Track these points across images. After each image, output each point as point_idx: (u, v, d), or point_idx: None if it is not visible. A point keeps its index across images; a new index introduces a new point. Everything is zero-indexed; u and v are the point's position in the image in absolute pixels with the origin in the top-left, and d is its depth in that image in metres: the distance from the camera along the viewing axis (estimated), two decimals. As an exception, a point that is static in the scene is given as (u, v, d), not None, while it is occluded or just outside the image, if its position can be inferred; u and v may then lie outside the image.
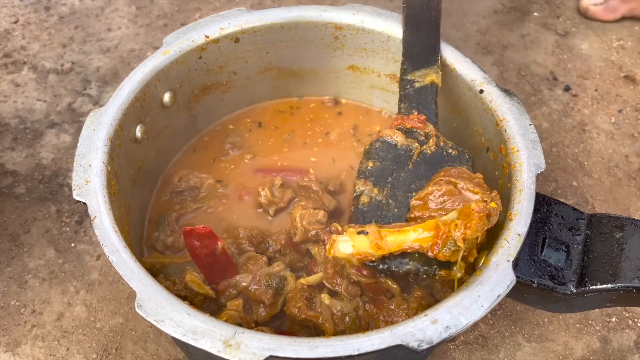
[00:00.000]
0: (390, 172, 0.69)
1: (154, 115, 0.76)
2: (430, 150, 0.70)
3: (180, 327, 0.53)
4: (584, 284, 0.61)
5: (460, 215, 0.59)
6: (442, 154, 0.70)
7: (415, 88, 0.74)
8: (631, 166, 1.04)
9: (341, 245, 0.61)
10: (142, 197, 0.78)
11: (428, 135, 0.71)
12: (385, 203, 0.67)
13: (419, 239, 0.59)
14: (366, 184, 0.68)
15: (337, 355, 0.53)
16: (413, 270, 0.61)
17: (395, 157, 0.69)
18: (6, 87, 1.11)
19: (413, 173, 0.68)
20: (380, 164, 0.69)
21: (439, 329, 0.54)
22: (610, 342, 0.85)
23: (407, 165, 0.69)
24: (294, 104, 0.92)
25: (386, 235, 0.60)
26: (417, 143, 0.70)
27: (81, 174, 0.63)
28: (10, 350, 0.82)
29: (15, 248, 0.91)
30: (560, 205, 0.66)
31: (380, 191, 0.67)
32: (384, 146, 0.70)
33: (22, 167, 1.00)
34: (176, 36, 0.77)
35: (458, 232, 0.58)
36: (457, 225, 0.59)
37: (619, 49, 1.24)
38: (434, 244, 0.59)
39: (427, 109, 0.73)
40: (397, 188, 0.67)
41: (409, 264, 0.61)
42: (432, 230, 0.59)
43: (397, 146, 0.70)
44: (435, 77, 0.75)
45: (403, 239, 0.60)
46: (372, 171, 0.68)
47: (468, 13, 1.29)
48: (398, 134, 0.70)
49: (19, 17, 1.23)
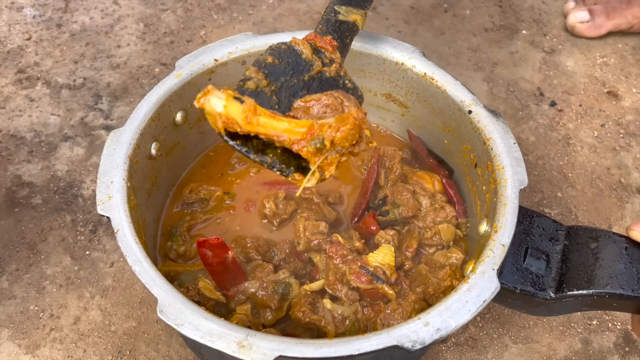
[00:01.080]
0: (284, 74, 0.67)
1: (167, 133, 0.82)
2: (329, 73, 0.69)
3: (199, 330, 0.59)
4: (562, 290, 0.67)
5: (337, 120, 0.60)
6: (339, 82, 0.69)
7: (338, 19, 0.75)
8: (612, 178, 1.11)
9: (213, 100, 0.57)
10: (156, 210, 0.84)
11: (333, 60, 0.70)
12: (268, 97, 0.64)
13: (290, 130, 0.58)
14: (258, 73, 0.65)
15: (339, 355, 0.58)
16: (269, 163, 0.61)
17: (295, 65, 0.68)
18: (21, 102, 1.17)
19: (305, 84, 0.67)
20: (279, 63, 0.67)
21: (430, 330, 0.60)
22: (591, 343, 0.91)
23: (302, 76, 0.67)
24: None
25: (260, 114, 0.58)
26: (320, 62, 0.69)
27: (104, 190, 0.68)
28: (30, 352, 0.87)
29: (33, 256, 0.97)
30: (542, 217, 0.72)
31: (268, 85, 0.65)
32: (289, 51, 0.69)
33: (38, 178, 1.06)
34: (188, 60, 0.83)
35: (330, 132, 0.58)
36: (331, 127, 0.59)
37: (602, 65, 1.31)
38: (303, 138, 0.58)
39: (341, 40, 0.73)
40: (285, 90, 0.66)
41: (269, 156, 0.61)
42: (305, 127, 0.58)
43: (301, 56, 0.69)
44: (359, 19, 0.76)
45: (275, 125, 0.58)
46: (268, 65, 0.67)
47: (460, 31, 1.36)
48: (307, 46, 0.70)
49: (32, 34, 1.29)
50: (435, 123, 0.87)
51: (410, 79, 0.86)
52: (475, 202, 0.82)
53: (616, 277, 0.65)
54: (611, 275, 0.66)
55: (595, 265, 0.67)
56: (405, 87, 0.88)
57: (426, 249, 0.82)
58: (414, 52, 0.85)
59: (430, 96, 0.85)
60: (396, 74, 0.87)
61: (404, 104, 0.90)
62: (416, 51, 0.86)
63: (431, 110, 0.87)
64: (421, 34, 1.34)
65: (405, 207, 0.82)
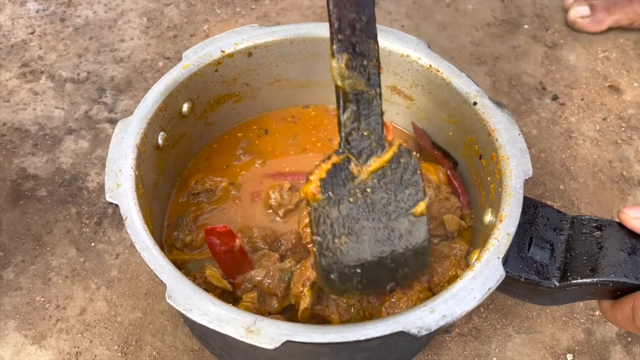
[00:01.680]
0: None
1: (174, 123, 0.82)
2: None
3: (207, 315, 0.59)
4: (566, 279, 0.67)
5: None
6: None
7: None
8: (614, 171, 1.12)
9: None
10: (162, 200, 0.84)
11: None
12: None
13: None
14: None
15: (346, 340, 0.58)
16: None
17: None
18: (25, 96, 1.17)
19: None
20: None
21: (436, 317, 0.61)
22: (593, 333, 0.92)
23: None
24: (297, 112, 0.99)
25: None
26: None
27: (112, 178, 0.69)
28: (36, 342, 0.88)
29: (39, 247, 0.97)
30: (546, 208, 0.72)
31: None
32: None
33: (42, 171, 1.06)
34: (195, 51, 0.83)
35: None
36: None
37: (604, 60, 1.31)
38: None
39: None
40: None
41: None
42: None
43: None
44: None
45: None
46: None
47: (462, 25, 1.36)
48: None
49: (36, 28, 1.29)
50: (440, 115, 0.88)
51: (416, 71, 0.87)
52: (479, 193, 0.83)
53: (620, 265, 0.66)
54: (615, 264, 0.66)
55: (600, 254, 0.67)
56: (410, 80, 0.88)
57: (431, 239, 0.83)
58: (419, 45, 0.86)
59: (435, 88, 0.86)
60: (401, 66, 0.87)
61: (409, 96, 0.91)
62: (421, 43, 0.86)
63: (436, 103, 0.87)
64: (424, 29, 1.35)
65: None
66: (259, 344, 0.57)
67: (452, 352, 0.89)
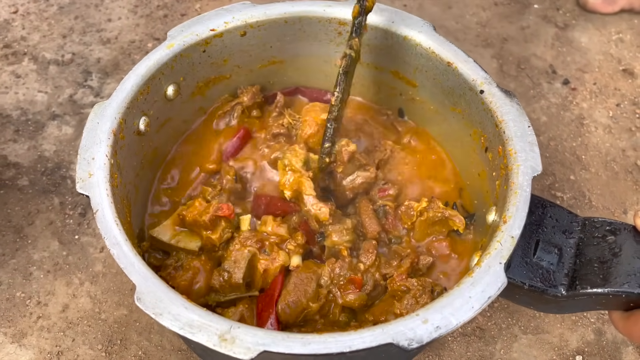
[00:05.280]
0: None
1: (157, 107, 0.76)
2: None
3: (178, 321, 0.54)
4: (575, 287, 0.61)
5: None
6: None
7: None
8: (628, 160, 1.06)
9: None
10: (144, 188, 0.79)
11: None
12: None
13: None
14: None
15: (329, 352, 0.53)
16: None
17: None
18: (7, 79, 1.11)
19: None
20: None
21: (429, 328, 0.55)
22: (604, 334, 0.87)
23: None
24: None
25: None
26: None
27: (84, 167, 0.63)
28: (16, 341, 0.83)
29: (20, 240, 0.92)
30: (555, 207, 0.66)
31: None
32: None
33: (24, 159, 1.01)
34: (180, 29, 0.77)
35: None
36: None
37: (617, 42, 1.24)
38: None
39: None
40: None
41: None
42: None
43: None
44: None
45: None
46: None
47: (468, 5, 1.29)
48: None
49: (19, 7, 1.23)
50: (444, 103, 0.82)
51: (419, 54, 0.80)
52: (482, 189, 0.77)
53: (635, 275, 0.60)
54: (629, 273, 0.60)
55: (613, 262, 0.61)
56: (413, 64, 0.82)
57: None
58: (424, 26, 0.79)
59: (439, 74, 0.79)
60: (404, 49, 0.81)
61: (411, 82, 0.85)
62: (426, 24, 0.80)
63: (440, 89, 0.81)
64: (427, 8, 1.28)
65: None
66: (233, 354, 0.52)
67: (454, 353, 0.84)
